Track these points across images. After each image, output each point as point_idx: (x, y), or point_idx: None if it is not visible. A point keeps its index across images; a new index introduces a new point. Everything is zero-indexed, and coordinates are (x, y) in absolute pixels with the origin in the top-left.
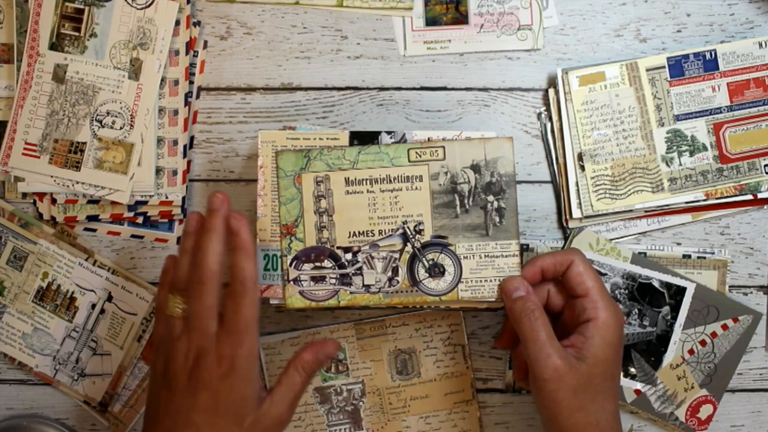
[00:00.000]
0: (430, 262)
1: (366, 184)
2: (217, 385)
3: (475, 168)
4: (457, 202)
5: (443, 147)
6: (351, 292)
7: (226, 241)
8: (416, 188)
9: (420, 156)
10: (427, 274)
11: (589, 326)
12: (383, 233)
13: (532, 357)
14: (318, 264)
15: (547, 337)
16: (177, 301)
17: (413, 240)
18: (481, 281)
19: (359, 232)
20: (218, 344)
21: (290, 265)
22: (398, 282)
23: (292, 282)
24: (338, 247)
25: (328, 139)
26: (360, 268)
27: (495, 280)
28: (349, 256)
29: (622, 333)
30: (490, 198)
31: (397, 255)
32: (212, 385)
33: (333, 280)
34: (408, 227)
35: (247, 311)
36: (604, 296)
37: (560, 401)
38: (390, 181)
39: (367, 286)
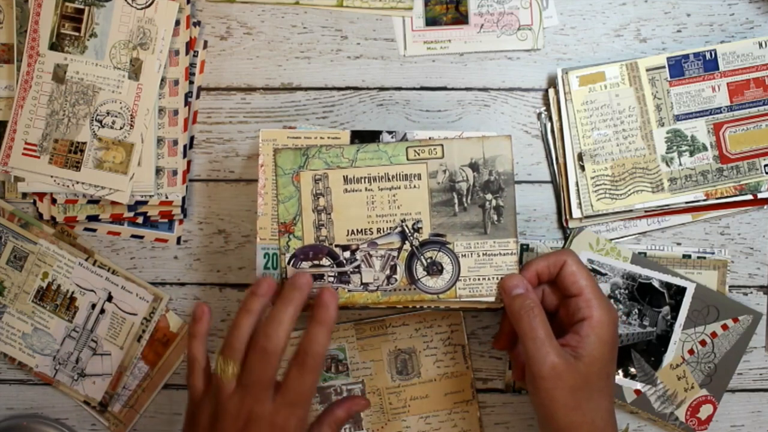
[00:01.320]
0: (429, 261)
1: (364, 182)
2: None
3: (474, 166)
4: (456, 201)
5: (441, 145)
6: (349, 290)
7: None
8: (414, 186)
9: (418, 154)
10: (425, 272)
11: (584, 325)
12: (381, 231)
13: (530, 355)
14: (316, 262)
15: (546, 335)
16: (231, 366)
17: (411, 238)
18: (479, 279)
19: (357, 231)
20: (273, 412)
21: (289, 263)
22: (396, 280)
23: None
24: (336, 245)
25: (329, 138)
26: (358, 266)
27: (493, 278)
28: (347, 254)
29: (617, 331)
30: (489, 196)
31: (395, 253)
32: None
33: (331, 278)
34: (406, 225)
35: (310, 385)
36: (598, 295)
37: (557, 399)
38: (388, 179)
39: (366, 284)
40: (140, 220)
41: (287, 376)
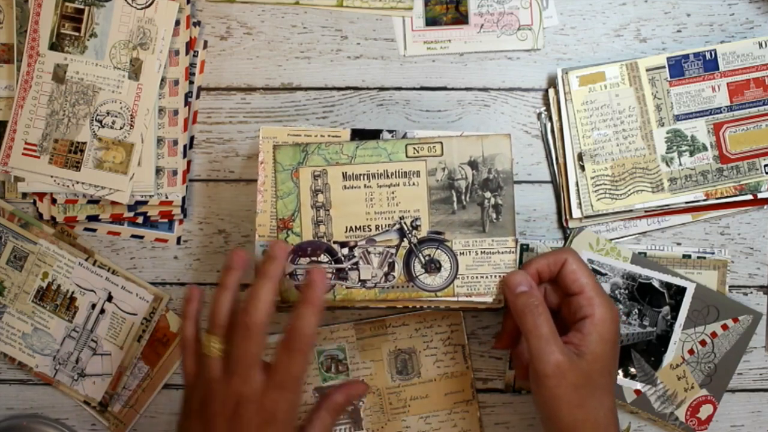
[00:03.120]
0: (427, 258)
1: (363, 179)
2: None
3: (473, 164)
4: (454, 198)
5: (441, 143)
6: (347, 287)
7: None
8: (413, 184)
9: (417, 152)
10: (423, 270)
11: (585, 323)
12: (380, 228)
13: (534, 352)
14: (314, 258)
15: (550, 333)
16: (214, 341)
17: (410, 235)
18: (477, 278)
19: (356, 227)
20: (263, 396)
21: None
22: (394, 277)
23: (288, 276)
24: (335, 242)
25: (329, 136)
26: (356, 263)
27: (491, 276)
28: (345, 250)
29: (618, 328)
30: (487, 194)
31: (393, 250)
32: None
33: (329, 275)
34: (405, 223)
35: (300, 367)
36: (599, 293)
37: (560, 397)
38: (387, 176)
39: (363, 281)
40: (140, 220)
41: (276, 357)
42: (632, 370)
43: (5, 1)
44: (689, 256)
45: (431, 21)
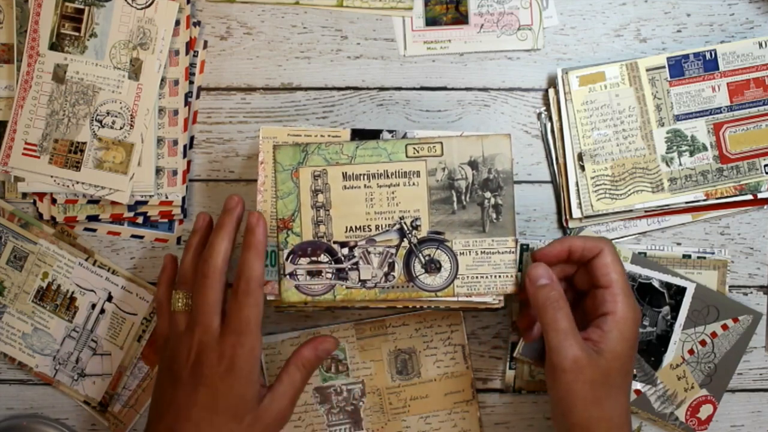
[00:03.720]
0: (427, 258)
1: (363, 179)
2: (217, 382)
3: (473, 164)
4: (454, 198)
5: (441, 143)
6: (347, 287)
7: (235, 240)
8: (413, 184)
9: (418, 152)
10: (423, 270)
11: (607, 320)
12: (380, 228)
13: (553, 346)
14: (314, 258)
15: (569, 328)
16: (180, 296)
17: (410, 235)
18: (477, 278)
19: (356, 227)
20: (220, 342)
21: (287, 259)
22: (394, 277)
23: (288, 276)
24: (335, 242)
25: (329, 136)
26: (356, 263)
27: (491, 276)
28: (345, 250)
29: (638, 329)
30: (488, 194)
31: (393, 250)
32: (212, 382)
33: (329, 275)
34: (405, 223)
35: (250, 311)
36: (626, 291)
37: (577, 393)
38: (387, 176)
39: (363, 281)
40: (140, 220)
41: (228, 305)
42: (632, 370)
43: (5, 1)
44: (689, 256)
45: (431, 21)
